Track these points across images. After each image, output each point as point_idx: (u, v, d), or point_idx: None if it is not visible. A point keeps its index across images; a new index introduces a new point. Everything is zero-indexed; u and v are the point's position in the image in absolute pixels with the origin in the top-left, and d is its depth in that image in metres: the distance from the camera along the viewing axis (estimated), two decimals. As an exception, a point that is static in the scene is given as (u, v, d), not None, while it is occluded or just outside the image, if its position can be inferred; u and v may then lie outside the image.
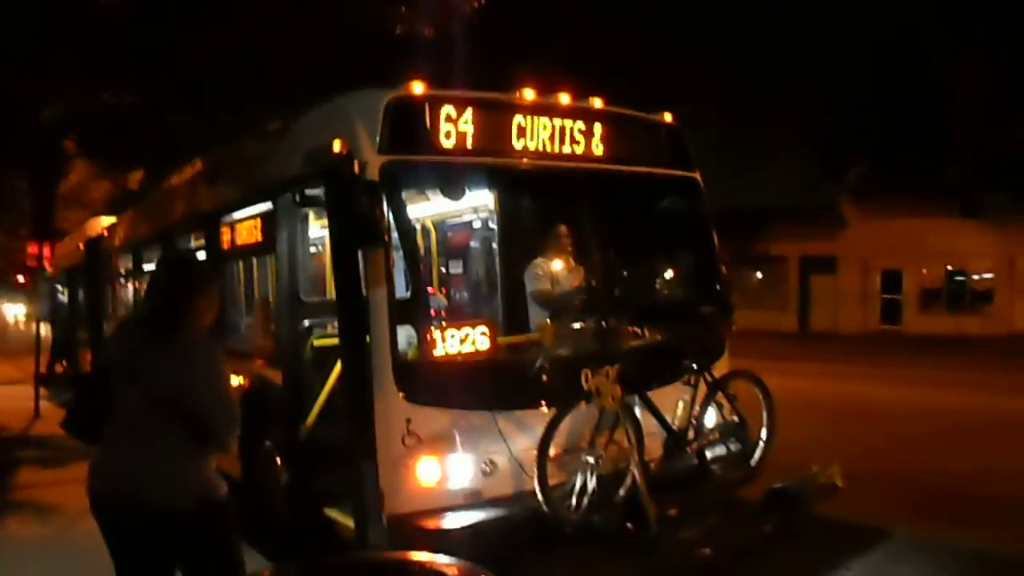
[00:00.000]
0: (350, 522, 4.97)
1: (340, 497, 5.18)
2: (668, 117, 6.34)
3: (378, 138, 4.82)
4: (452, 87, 5.63)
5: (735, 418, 5.60)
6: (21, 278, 15.35)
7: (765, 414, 5.75)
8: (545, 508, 4.56)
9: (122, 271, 11.58)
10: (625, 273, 6.18)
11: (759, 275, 31.48)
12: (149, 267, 10.06)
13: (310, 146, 5.25)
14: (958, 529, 6.06)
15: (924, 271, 27.39)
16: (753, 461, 5.63)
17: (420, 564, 2.30)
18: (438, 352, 4.77)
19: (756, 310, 30.03)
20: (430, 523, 4.63)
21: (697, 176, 6.45)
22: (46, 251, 13.60)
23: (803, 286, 30.47)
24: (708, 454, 5.54)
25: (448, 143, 5.05)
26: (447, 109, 5.05)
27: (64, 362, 17.14)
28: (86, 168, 18.47)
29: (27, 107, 8.45)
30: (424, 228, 7.19)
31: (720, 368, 5.95)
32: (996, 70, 21.57)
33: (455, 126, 5.07)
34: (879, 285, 28.43)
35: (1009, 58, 21.09)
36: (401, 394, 4.68)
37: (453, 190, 5.31)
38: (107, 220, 13.38)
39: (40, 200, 12.67)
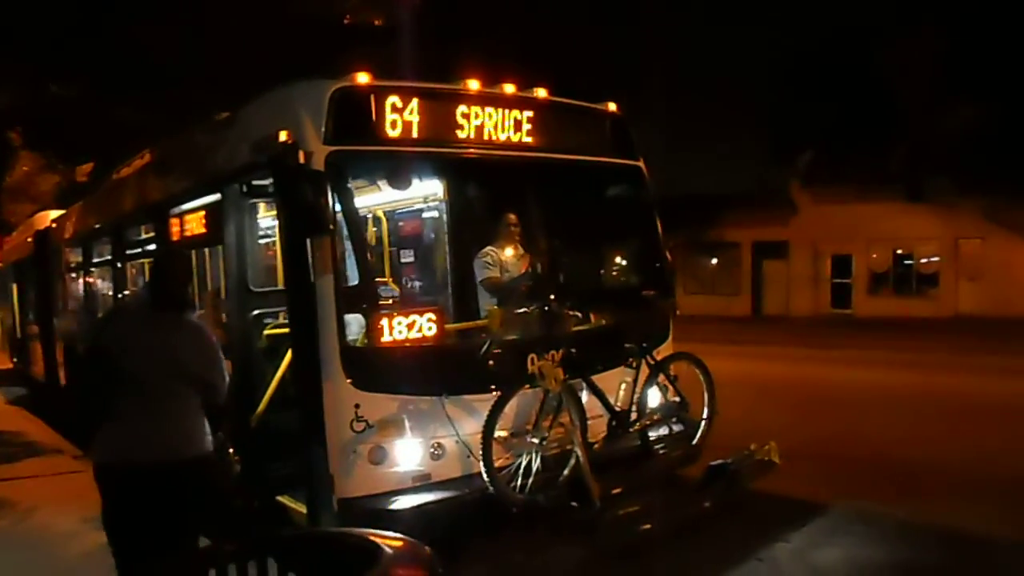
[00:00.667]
0: (302, 507, 5.07)
1: (292, 483, 5.28)
2: (612, 106, 6.47)
3: (323, 128, 4.88)
4: (401, 77, 5.69)
5: (676, 399, 5.78)
6: None
7: (706, 394, 5.95)
8: (491, 488, 4.70)
9: (72, 264, 11.44)
10: (571, 259, 6.31)
11: (715, 261, 31.95)
12: (100, 260, 9.98)
13: (257, 136, 5.29)
14: (899, 503, 6.30)
15: (873, 255, 28.00)
16: (695, 440, 5.83)
17: (360, 538, 2.39)
18: (385, 339, 4.86)
19: (711, 295, 30.56)
20: (380, 506, 4.75)
21: (640, 164, 6.60)
22: (-7, 244, 13.34)
23: (756, 271, 30.96)
24: (651, 434, 5.71)
25: (394, 133, 5.13)
26: (392, 99, 5.11)
27: (14, 358, 16.88)
28: (33, 161, 18.11)
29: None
30: (375, 217, 7.25)
31: (664, 351, 6.15)
32: (939, 56, 22.09)
33: (400, 116, 5.14)
34: (829, 269, 28.99)
35: (951, 44, 21.61)
36: (349, 380, 4.76)
37: (399, 179, 5.39)
38: (55, 213, 13.19)
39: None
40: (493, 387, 5.01)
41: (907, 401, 10.69)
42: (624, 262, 7.15)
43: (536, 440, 4.91)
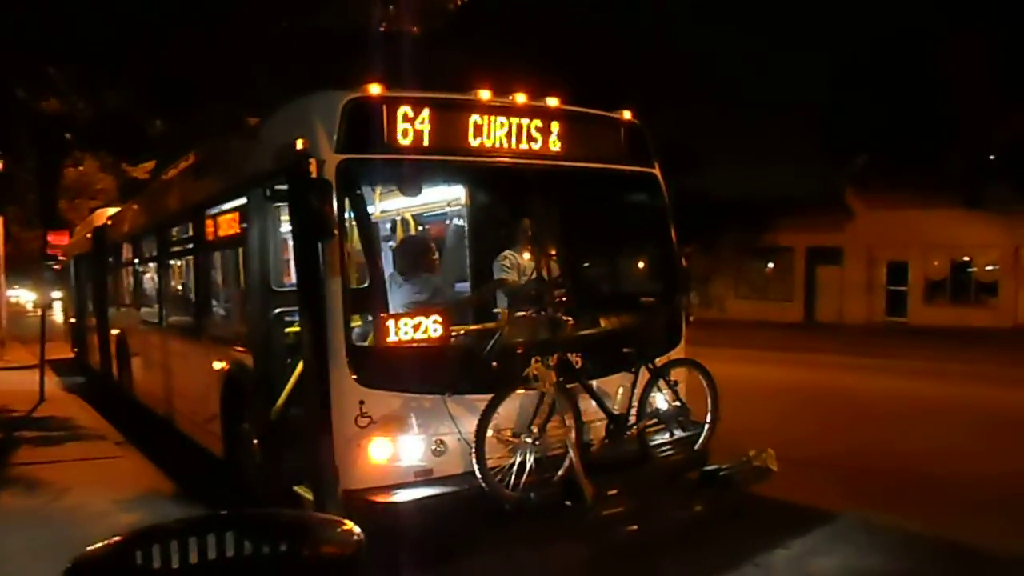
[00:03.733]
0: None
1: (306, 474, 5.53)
2: (627, 114, 6.56)
3: (335, 137, 5.11)
4: (433, 84, 5.86)
5: (677, 404, 5.87)
6: (57, 265, 15.90)
7: (709, 400, 6.02)
8: (483, 485, 4.87)
9: (124, 259, 12.00)
10: (581, 265, 6.44)
11: (770, 266, 31.57)
12: (147, 256, 10.47)
13: (278, 144, 5.60)
14: (913, 516, 6.24)
15: (935, 263, 27.32)
16: (697, 445, 5.90)
17: (293, 518, 2.60)
18: (391, 339, 5.05)
19: (762, 300, 30.30)
20: (382, 498, 4.94)
21: (656, 171, 6.68)
22: (55, 239, 14.05)
23: (809, 277, 30.51)
24: (655, 438, 5.82)
25: (404, 141, 5.32)
26: (404, 109, 5.31)
27: (75, 348, 17.67)
28: (90, 162, 19.08)
29: (28, 101, 8.81)
30: (392, 222, 7.49)
31: (676, 357, 6.24)
32: (1000, 59, 21.49)
33: (412, 125, 5.34)
34: (885, 276, 28.40)
35: (1011, 44, 21.01)
36: (354, 377, 4.98)
37: (409, 187, 5.61)
38: (112, 211, 13.82)
39: (45, 192, 13.16)
40: (493, 387, 5.16)
41: (949, 413, 10.50)
42: (636, 268, 7.25)
43: (529, 440, 5.07)
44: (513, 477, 5.01)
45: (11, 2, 7.17)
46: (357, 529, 2.45)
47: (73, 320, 18.21)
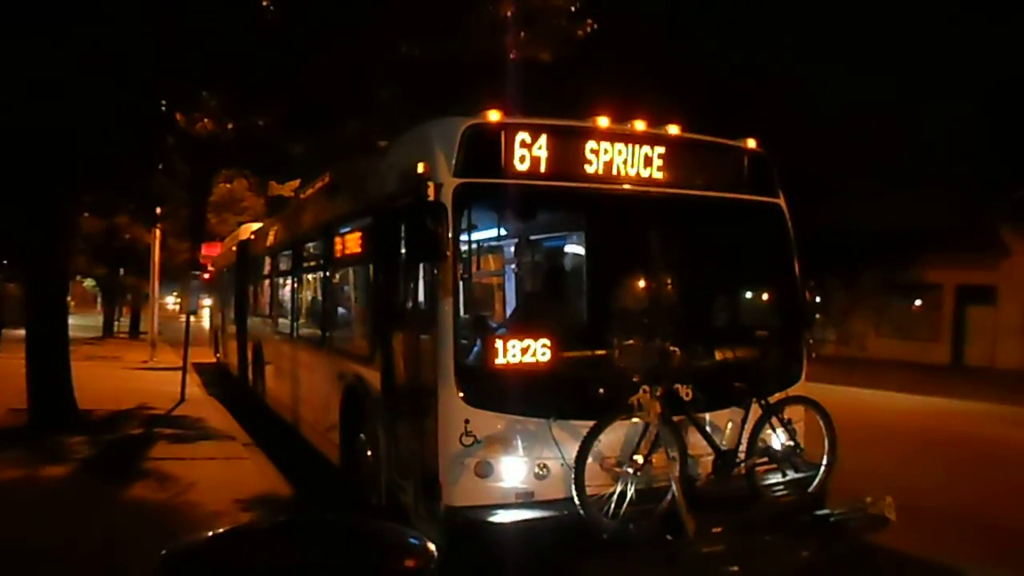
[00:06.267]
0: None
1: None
2: (751, 143, 6.43)
3: (454, 162, 5.26)
4: (559, 113, 5.92)
5: (791, 443, 5.65)
6: (206, 275, 17.19)
7: (826, 442, 5.76)
8: (581, 511, 4.85)
9: (264, 272, 12.71)
10: (698, 295, 6.30)
11: (917, 303, 29.88)
12: (284, 270, 11.06)
13: (401, 167, 5.83)
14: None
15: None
16: (811, 487, 5.66)
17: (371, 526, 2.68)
18: (499, 361, 5.14)
19: (906, 340, 28.61)
20: (483, 517, 4.99)
21: (780, 202, 6.49)
22: (207, 251, 15.10)
23: (958, 316, 28.64)
24: (766, 478, 5.62)
25: (522, 167, 5.40)
26: (521, 136, 5.41)
27: (217, 353, 18.83)
28: (236, 180, 20.46)
29: (184, 123, 9.55)
30: (507, 247, 7.59)
31: (795, 393, 6.02)
32: None
33: (529, 152, 5.42)
34: (1044, 319, 26.31)
35: None
36: (461, 396, 5.08)
37: (525, 212, 5.69)
38: (255, 226, 14.70)
39: (196, 207, 14.21)
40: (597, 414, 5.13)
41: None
42: (755, 301, 7.04)
43: (631, 470, 5.00)
44: (613, 506, 4.96)
45: (170, 34, 7.77)
46: (431, 545, 2.50)
47: (217, 327, 19.42)
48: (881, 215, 26.35)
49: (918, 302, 29.77)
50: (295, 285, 10.18)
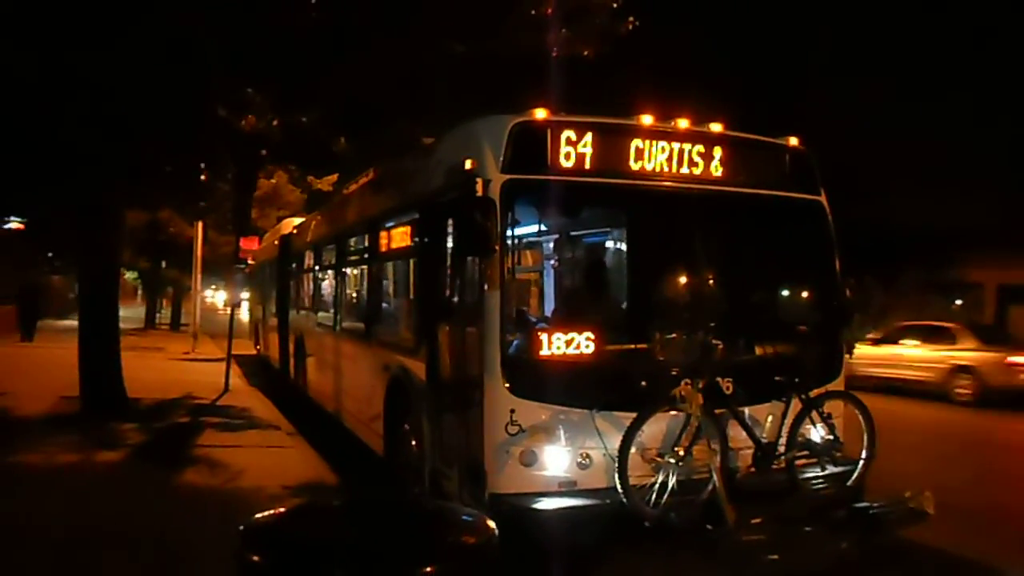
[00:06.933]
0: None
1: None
2: (793, 141, 6.48)
3: (501, 158, 5.40)
4: (602, 110, 6.03)
5: (830, 437, 5.72)
6: (246, 268, 17.57)
7: (865, 436, 5.82)
8: (624, 500, 4.97)
9: (305, 266, 12.96)
10: (740, 290, 6.37)
11: (957, 303, 29.44)
12: (327, 264, 11.28)
13: (448, 163, 5.99)
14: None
15: None
16: (850, 481, 5.73)
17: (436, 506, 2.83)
18: (544, 352, 5.28)
19: (946, 340, 28.15)
20: (526, 504, 5.12)
21: (822, 199, 6.54)
22: (246, 245, 15.40)
23: (1000, 316, 28.19)
24: (805, 471, 5.70)
25: (567, 164, 5.53)
26: (567, 133, 5.53)
27: (257, 345, 19.17)
28: (279, 175, 20.78)
29: (229, 119, 9.78)
30: (553, 242, 7.71)
31: (834, 389, 6.09)
32: None
33: (575, 148, 5.55)
34: (1089, 321, 25.81)
35: None
36: (507, 386, 5.22)
37: (571, 208, 5.81)
38: (298, 220, 14.96)
39: (239, 201, 14.52)
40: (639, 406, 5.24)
41: None
42: (796, 297, 7.09)
43: (672, 460, 5.11)
44: (655, 496, 5.07)
45: (218, 31, 7.98)
46: (491, 522, 2.65)
47: (257, 319, 19.78)
48: (922, 213, 25.99)
49: (959, 302, 29.32)
50: (339, 278, 10.39)
